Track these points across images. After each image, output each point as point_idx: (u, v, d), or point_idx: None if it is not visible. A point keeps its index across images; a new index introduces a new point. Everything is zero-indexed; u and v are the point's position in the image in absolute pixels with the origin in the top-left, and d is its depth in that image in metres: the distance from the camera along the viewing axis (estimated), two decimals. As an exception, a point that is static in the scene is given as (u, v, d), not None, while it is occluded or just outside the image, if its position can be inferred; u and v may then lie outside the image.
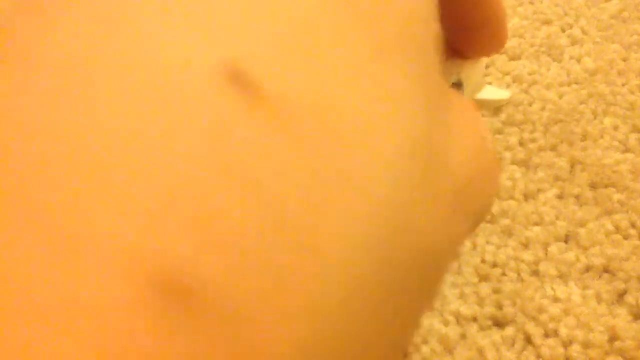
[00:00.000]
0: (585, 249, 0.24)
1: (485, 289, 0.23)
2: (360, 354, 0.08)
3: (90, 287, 0.06)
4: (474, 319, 0.22)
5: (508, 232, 0.25)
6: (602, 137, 0.28)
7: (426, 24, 0.09)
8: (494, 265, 0.24)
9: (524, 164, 0.27)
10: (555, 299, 0.23)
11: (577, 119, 0.29)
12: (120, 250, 0.06)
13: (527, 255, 0.24)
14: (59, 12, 0.07)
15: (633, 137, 0.28)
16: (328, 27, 0.08)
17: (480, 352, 0.21)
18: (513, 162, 0.27)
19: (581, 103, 0.30)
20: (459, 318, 0.22)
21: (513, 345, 0.22)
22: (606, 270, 0.24)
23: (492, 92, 0.29)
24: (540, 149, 0.28)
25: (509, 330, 0.22)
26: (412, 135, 0.08)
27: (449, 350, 0.21)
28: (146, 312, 0.06)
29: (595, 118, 0.29)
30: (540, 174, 0.27)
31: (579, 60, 0.32)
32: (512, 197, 0.26)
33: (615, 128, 0.29)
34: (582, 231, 0.25)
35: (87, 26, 0.07)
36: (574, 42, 0.33)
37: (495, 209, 0.25)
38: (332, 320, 0.07)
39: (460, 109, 0.10)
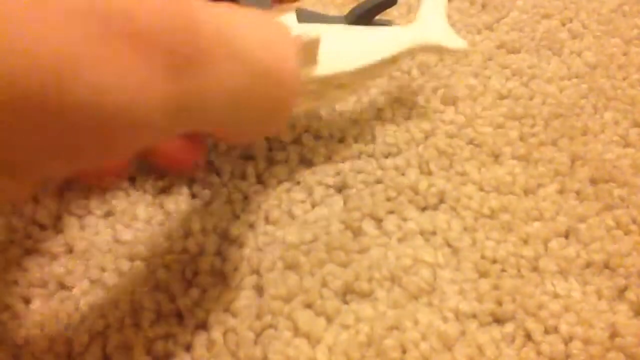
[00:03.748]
0: (585, 244, 0.24)
1: (485, 285, 0.23)
2: None
3: None
4: (474, 316, 0.22)
5: (508, 228, 0.24)
6: (602, 132, 0.28)
7: None
8: (494, 261, 0.23)
9: (524, 158, 0.27)
10: (556, 295, 0.23)
11: (578, 113, 0.29)
12: None
13: (527, 251, 0.24)
14: None
15: (634, 132, 0.28)
16: None
17: (480, 349, 0.21)
18: (513, 157, 0.27)
19: (582, 97, 0.30)
20: (458, 315, 0.22)
21: (513, 341, 0.22)
22: (607, 266, 0.24)
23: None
24: (541, 143, 0.27)
25: (509, 327, 0.22)
26: None
27: (449, 347, 0.21)
28: None
29: (595, 113, 0.29)
30: (541, 169, 0.26)
31: (579, 54, 0.32)
32: (512, 192, 0.26)
33: (616, 123, 0.29)
34: (582, 227, 0.25)
35: None
36: (574, 36, 0.33)
37: (495, 204, 0.25)
38: None
39: None
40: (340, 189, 0.26)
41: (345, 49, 0.24)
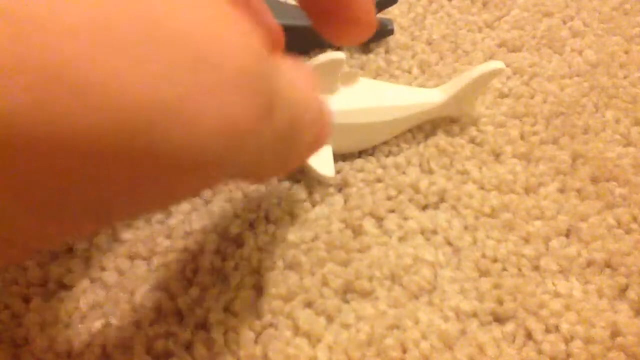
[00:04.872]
0: (586, 243, 0.24)
1: (485, 284, 0.23)
2: None
3: None
4: (474, 315, 0.22)
5: (509, 227, 0.24)
6: (604, 130, 0.28)
7: None
8: (495, 260, 0.23)
9: (525, 157, 0.27)
10: (557, 295, 0.23)
11: (579, 112, 0.29)
12: None
13: (528, 250, 0.24)
14: None
15: (635, 130, 0.28)
16: None
17: (481, 348, 0.21)
18: (514, 156, 0.27)
19: (583, 96, 0.30)
20: (459, 314, 0.22)
21: (514, 341, 0.22)
22: (608, 265, 0.24)
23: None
24: (542, 142, 0.27)
25: (510, 326, 0.22)
26: None
27: (449, 347, 0.21)
28: None
29: (597, 111, 0.29)
30: (542, 167, 0.26)
31: (580, 53, 0.32)
32: (513, 191, 0.26)
33: (617, 121, 0.29)
34: (583, 226, 0.25)
35: None
36: (575, 34, 0.33)
37: (496, 202, 0.25)
38: None
39: None
40: (341, 187, 0.25)
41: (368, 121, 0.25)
